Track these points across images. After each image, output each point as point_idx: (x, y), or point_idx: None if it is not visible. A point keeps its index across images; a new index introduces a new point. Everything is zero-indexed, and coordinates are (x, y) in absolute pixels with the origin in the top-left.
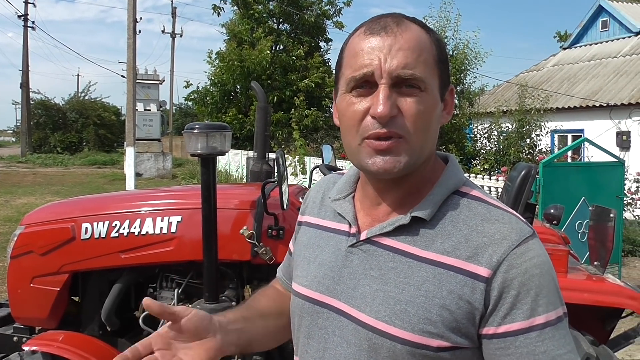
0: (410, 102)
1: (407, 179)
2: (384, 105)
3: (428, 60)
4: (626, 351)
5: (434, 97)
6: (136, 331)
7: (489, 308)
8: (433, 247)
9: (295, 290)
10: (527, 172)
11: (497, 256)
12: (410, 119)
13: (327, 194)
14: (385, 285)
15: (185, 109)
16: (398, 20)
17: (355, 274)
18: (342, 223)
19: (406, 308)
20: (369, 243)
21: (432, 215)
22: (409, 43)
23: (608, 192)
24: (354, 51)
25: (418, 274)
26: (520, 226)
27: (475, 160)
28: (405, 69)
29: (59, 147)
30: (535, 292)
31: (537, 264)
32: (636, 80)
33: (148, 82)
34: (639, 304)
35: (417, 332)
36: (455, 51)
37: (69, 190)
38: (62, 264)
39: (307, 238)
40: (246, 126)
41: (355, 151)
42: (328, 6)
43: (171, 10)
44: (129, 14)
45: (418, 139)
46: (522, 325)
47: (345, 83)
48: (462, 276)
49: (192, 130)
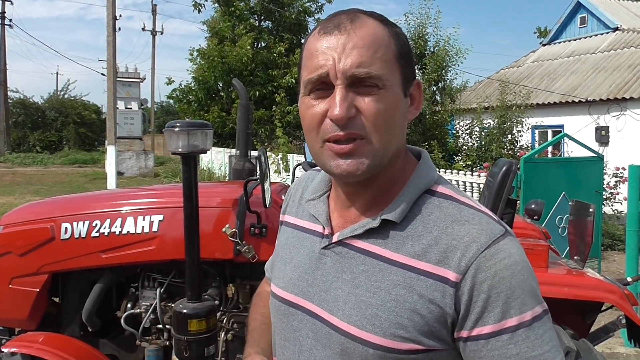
0: (368, 102)
1: (376, 179)
2: (340, 108)
3: (386, 56)
4: (606, 344)
5: (395, 93)
6: (118, 331)
7: (460, 312)
8: (404, 249)
9: (272, 292)
10: (508, 168)
11: (466, 260)
12: (370, 118)
13: (305, 193)
14: (357, 289)
15: (167, 107)
16: (352, 17)
17: (328, 276)
18: (316, 224)
19: (377, 313)
20: (341, 245)
21: (403, 217)
22: (364, 40)
23: (587, 187)
24: (309, 52)
25: (389, 277)
26: (491, 226)
27: (458, 156)
28: (360, 68)
29: (39, 146)
30: (506, 294)
31: (508, 265)
32: (614, 76)
33: (129, 80)
34: (618, 297)
35: (388, 336)
36: (436, 48)
37: (48, 190)
38: (41, 264)
39: (285, 238)
40: (229, 124)
41: (318, 154)
42: (309, 3)
43: (151, 8)
44: (108, 11)
45: (380, 139)
46: (493, 329)
47: (304, 85)
48: (433, 280)
49: (173, 129)
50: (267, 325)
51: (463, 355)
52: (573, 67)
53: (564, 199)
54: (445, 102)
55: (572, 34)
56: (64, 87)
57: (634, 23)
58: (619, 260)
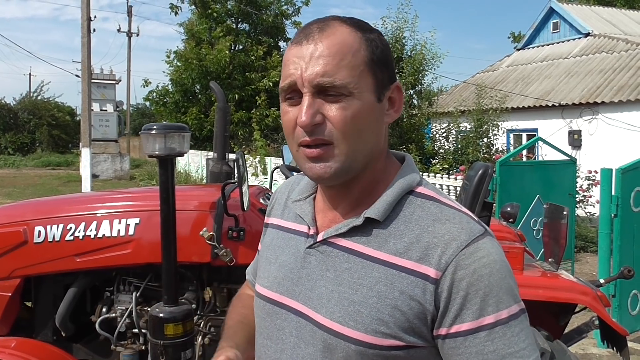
0: (335, 109)
1: (356, 182)
2: (305, 115)
3: (354, 63)
4: (579, 345)
5: (365, 99)
6: (92, 336)
7: (440, 309)
8: (386, 247)
9: (257, 291)
10: (484, 172)
11: (446, 257)
12: (337, 125)
13: (291, 195)
14: (340, 286)
15: (142, 109)
16: (322, 26)
17: (313, 275)
18: (302, 224)
19: (359, 309)
20: (326, 244)
21: (386, 216)
22: (330, 49)
23: (561, 190)
24: (284, 62)
25: (371, 274)
26: (471, 226)
27: (435, 159)
28: (324, 77)
29: (10, 148)
30: (484, 292)
31: (487, 263)
32: (586, 80)
33: (104, 82)
34: (591, 299)
35: (369, 332)
36: (413, 52)
37: (21, 193)
38: (13, 268)
39: (270, 239)
40: (206, 126)
41: (296, 157)
42: (286, 5)
43: (127, 9)
44: (82, 12)
45: (348, 144)
46: (471, 326)
47: (281, 93)
48: (414, 277)
49: (150, 131)
50: (245, 325)
51: (442, 353)
52: (546, 72)
53: (539, 201)
54: (422, 106)
55: (545, 39)
56: (37, 89)
57: (605, 29)
58: (591, 262)
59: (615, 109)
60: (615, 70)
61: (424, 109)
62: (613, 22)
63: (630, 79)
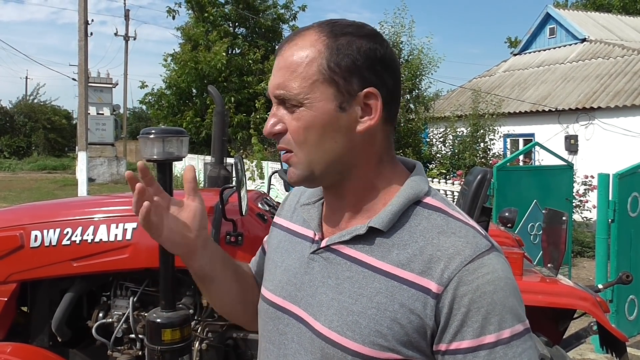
0: (290, 119)
1: (344, 188)
2: (267, 124)
3: (305, 74)
4: (577, 350)
5: (321, 109)
6: (88, 341)
7: (440, 324)
8: (389, 257)
9: (262, 294)
10: (483, 177)
11: (449, 272)
12: (292, 135)
13: (301, 198)
14: (341, 294)
15: (139, 113)
16: (292, 36)
17: (315, 281)
18: (308, 229)
19: (358, 319)
20: (329, 251)
21: (390, 226)
22: (286, 61)
23: (558, 195)
24: None
25: (372, 284)
26: (477, 240)
27: (432, 164)
28: (279, 90)
29: (6, 152)
30: (486, 309)
31: (491, 280)
32: (582, 85)
33: (101, 86)
34: (590, 305)
35: (367, 344)
36: (410, 57)
37: (17, 196)
38: (9, 273)
39: (277, 241)
40: (203, 130)
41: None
42: (283, 10)
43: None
44: (79, 16)
45: (304, 154)
46: (471, 344)
47: None
48: (415, 290)
49: (147, 135)
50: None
51: None
52: (543, 77)
53: (536, 206)
54: (419, 111)
55: (541, 44)
56: (33, 92)
57: (601, 34)
58: (588, 267)
59: (611, 114)
60: (611, 75)
61: (420, 113)
62: (609, 27)
63: (627, 84)
